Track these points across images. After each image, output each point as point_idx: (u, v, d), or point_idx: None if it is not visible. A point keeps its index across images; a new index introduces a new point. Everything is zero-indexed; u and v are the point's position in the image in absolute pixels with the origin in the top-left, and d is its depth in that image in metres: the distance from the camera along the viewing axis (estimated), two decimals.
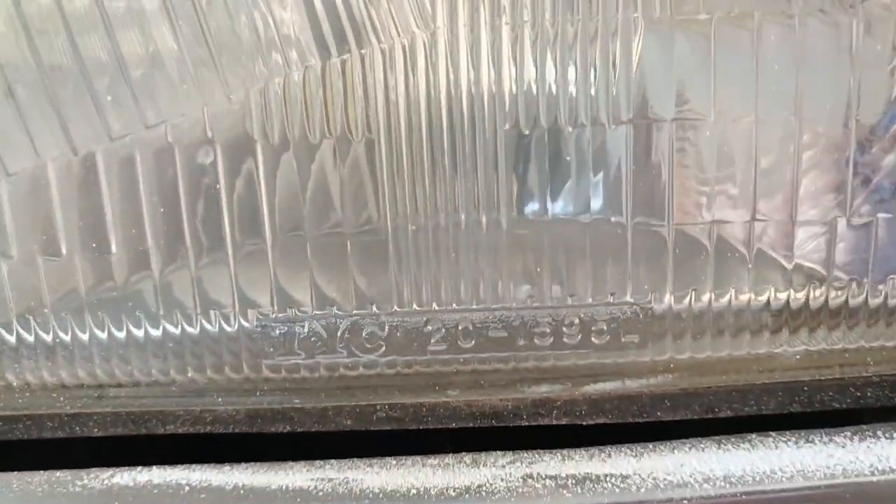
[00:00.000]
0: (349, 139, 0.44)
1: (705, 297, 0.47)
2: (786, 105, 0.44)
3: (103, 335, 0.47)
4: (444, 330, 0.47)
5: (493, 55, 0.43)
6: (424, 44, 0.44)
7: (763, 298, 0.47)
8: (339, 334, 0.47)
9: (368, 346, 0.47)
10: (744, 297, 0.47)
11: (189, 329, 0.47)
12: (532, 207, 0.45)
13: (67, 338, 0.47)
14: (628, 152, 0.45)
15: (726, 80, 0.44)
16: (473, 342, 0.47)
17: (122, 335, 0.47)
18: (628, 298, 0.47)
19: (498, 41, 0.43)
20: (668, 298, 0.47)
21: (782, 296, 0.47)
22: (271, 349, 0.47)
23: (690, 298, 0.47)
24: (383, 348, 0.47)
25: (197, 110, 0.44)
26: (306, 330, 0.47)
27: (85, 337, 0.47)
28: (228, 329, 0.47)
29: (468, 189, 0.45)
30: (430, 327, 0.47)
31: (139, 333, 0.47)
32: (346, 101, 0.44)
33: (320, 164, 0.45)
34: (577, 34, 0.43)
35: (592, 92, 0.44)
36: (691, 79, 0.44)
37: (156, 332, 0.47)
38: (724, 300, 0.47)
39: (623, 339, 0.47)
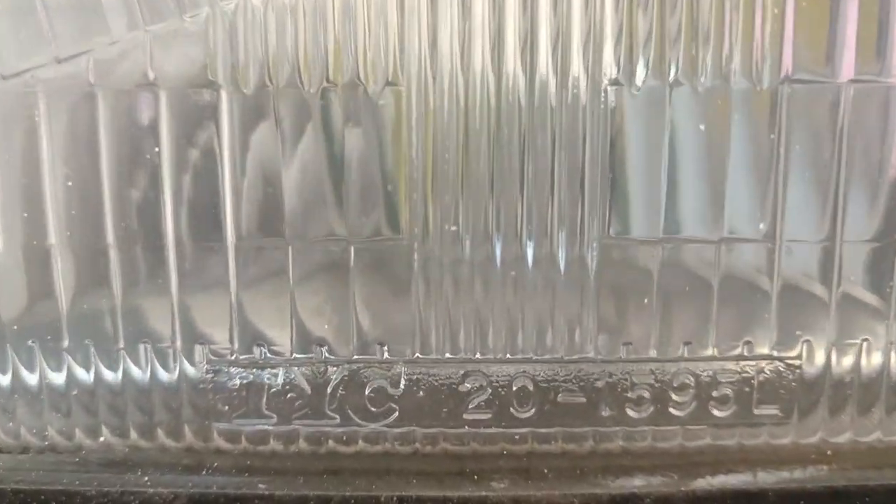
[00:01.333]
0: (361, 86, 0.29)
1: (878, 355, 0.32)
2: None
3: None
4: (489, 390, 0.31)
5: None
6: None
7: None
8: (329, 390, 0.31)
9: (374, 409, 0.31)
10: None
11: (106, 373, 0.32)
12: (634, 223, 0.30)
13: None
14: (779, 137, 0.30)
15: None
16: (534, 410, 0.31)
17: (4, 380, 0.32)
18: (768, 351, 0.31)
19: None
20: (825, 354, 0.31)
21: None
22: (226, 407, 0.31)
23: (858, 355, 0.31)
24: (396, 413, 0.31)
25: (134, 39, 0.29)
26: (280, 381, 0.31)
27: None
28: (164, 374, 0.31)
29: (540, 195, 0.30)
30: (468, 385, 0.31)
31: (31, 377, 0.32)
32: (365, 26, 0.29)
33: (316, 127, 0.30)
34: None
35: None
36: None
37: (57, 377, 0.32)
38: None
39: (756, 412, 0.32)
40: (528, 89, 0.29)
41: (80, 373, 0.32)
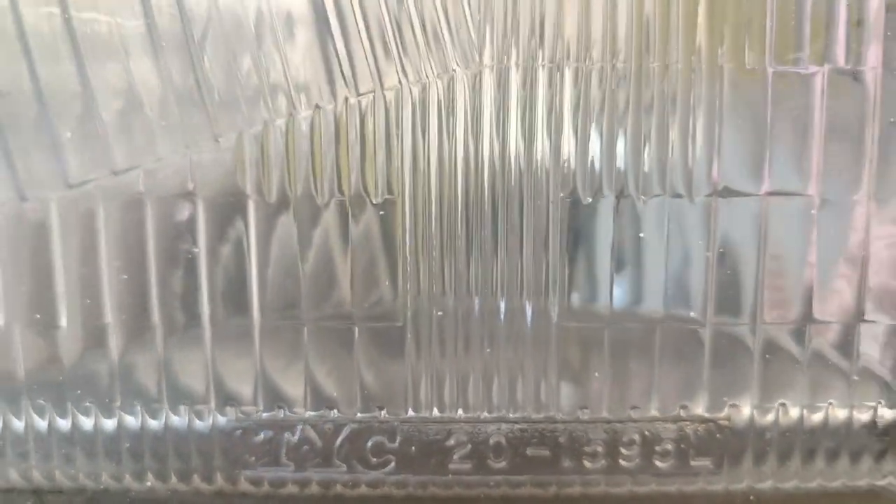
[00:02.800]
0: (365, 200, 0.35)
1: (795, 412, 0.38)
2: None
3: (43, 426, 0.38)
4: (470, 445, 0.37)
5: (551, 101, 0.35)
6: (465, 85, 0.35)
7: (866, 417, 0.38)
8: (338, 443, 0.37)
9: (374, 459, 0.38)
10: (842, 414, 0.38)
11: (151, 424, 0.38)
12: (588, 296, 0.36)
13: None
14: (711, 232, 0.36)
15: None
16: (506, 462, 0.38)
17: (66, 427, 0.38)
18: (702, 412, 0.37)
19: (557, 83, 0.35)
20: (748, 412, 0.38)
21: (890, 414, 0.38)
22: (252, 457, 0.38)
23: (777, 413, 0.38)
24: (392, 464, 0.38)
25: (177, 155, 0.35)
26: (297, 436, 0.37)
27: (20, 427, 0.38)
28: (201, 428, 0.38)
29: (511, 268, 0.36)
30: (452, 440, 0.37)
31: (88, 426, 0.38)
32: (364, 152, 0.35)
33: (326, 229, 0.36)
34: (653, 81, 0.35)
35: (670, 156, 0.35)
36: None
37: (110, 426, 0.38)
38: (819, 416, 0.38)
39: (693, 463, 0.38)
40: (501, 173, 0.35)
41: (129, 422, 0.38)
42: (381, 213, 0.35)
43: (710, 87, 0.35)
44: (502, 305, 0.36)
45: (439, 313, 0.36)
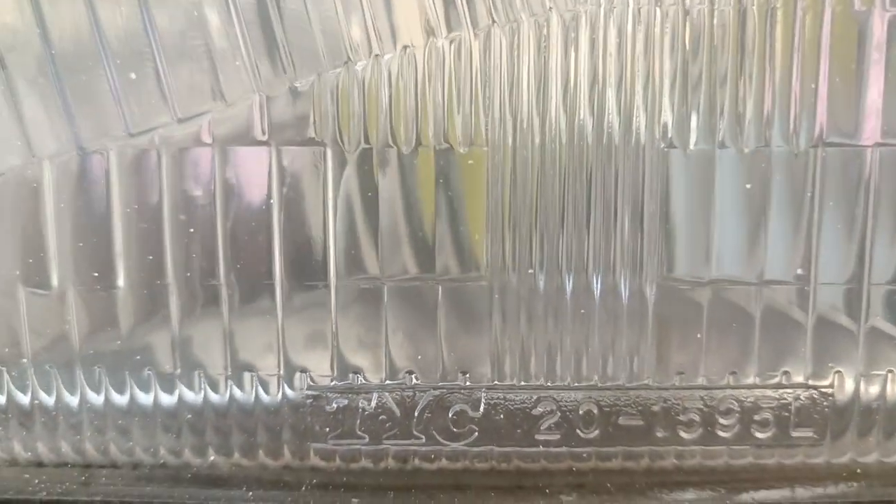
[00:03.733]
0: (452, 149, 0.33)
1: None
2: None
3: (98, 399, 0.35)
4: (558, 413, 0.35)
5: (651, 43, 0.33)
6: (560, 26, 0.33)
7: None
8: (417, 413, 0.35)
9: (456, 430, 0.35)
10: None
11: (214, 396, 0.35)
12: (688, 261, 0.34)
13: (51, 400, 0.35)
14: (816, 184, 0.34)
15: None
16: (598, 432, 0.35)
17: (123, 400, 0.35)
18: (804, 380, 0.35)
19: (656, 24, 0.33)
20: (854, 383, 0.35)
21: None
22: (325, 429, 0.35)
23: (884, 383, 0.35)
24: (476, 434, 0.35)
25: (247, 101, 0.33)
26: (373, 405, 0.35)
27: (74, 400, 0.35)
28: (267, 399, 0.35)
29: (607, 236, 0.34)
30: (540, 409, 0.35)
31: (146, 399, 0.35)
32: (450, 97, 0.33)
33: (407, 181, 0.34)
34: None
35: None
36: None
37: (169, 399, 0.35)
38: None
39: (794, 435, 0.35)
40: (595, 134, 0.33)
41: (190, 395, 0.35)
42: (470, 162, 0.33)
43: (813, 31, 0.33)
44: (596, 277, 0.34)
45: (529, 271, 0.34)
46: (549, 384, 0.35)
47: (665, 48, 0.33)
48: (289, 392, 0.35)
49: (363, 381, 0.35)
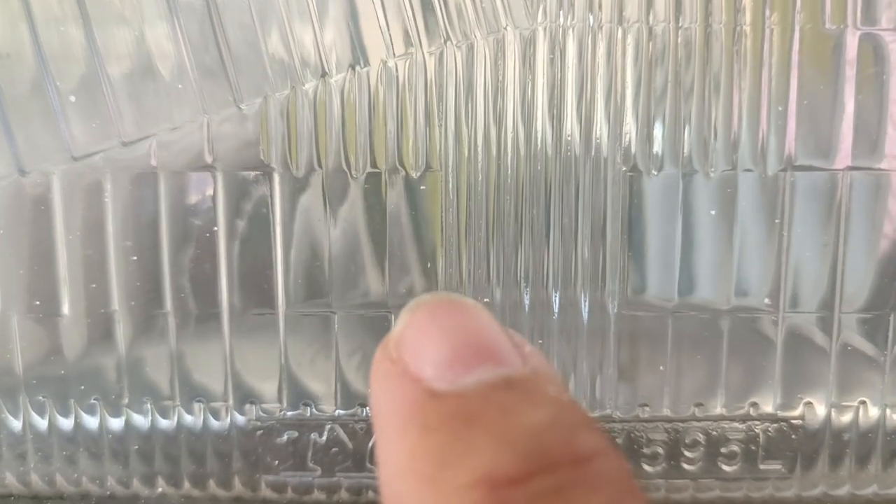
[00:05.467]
0: (402, 172, 0.32)
1: (875, 412, 0.34)
2: None
3: (43, 425, 0.34)
4: None
5: (614, 60, 0.31)
6: (516, 46, 0.31)
7: None
8: (370, 445, 0.34)
9: None
10: None
11: (163, 423, 0.34)
12: (649, 283, 0.33)
13: None
14: (784, 211, 0.32)
15: None
16: None
17: (69, 427, 0.34)
18: (773, 411, 0.34)
19: (617, 42, 0.31)
20: (825, 413, 0.34)
21: None
22: (275, 460, 0.34)
23: (856, 414, 0.34)
24: None
25: (195, 124, 0.32)
26: (325, 437, 0.34)
27: (17, 426, 0.34)
28: (217, 428, 0.34)
29: (565, 254, 0.32)
30: None
31: (93, 426, 0.34)
32: (403, 117, 0.32)
33: (358, 207, 0.32)
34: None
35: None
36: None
37: (116, 426, 0.34)
38: None
39: (762, 467, 0.34)
40: (554, 148, 0.32)
41: (138, 422, 0.34)
42: (422, 188, 0.32)
43: (782, 51, 0.32)
44: (555, 294, 0.33)
45: (485, 300, 0.33)
46: None
47: (628, 65, 0.32)
48: (239, 421, 0.34)
49: (314, 412, 0.34)
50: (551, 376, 0.20)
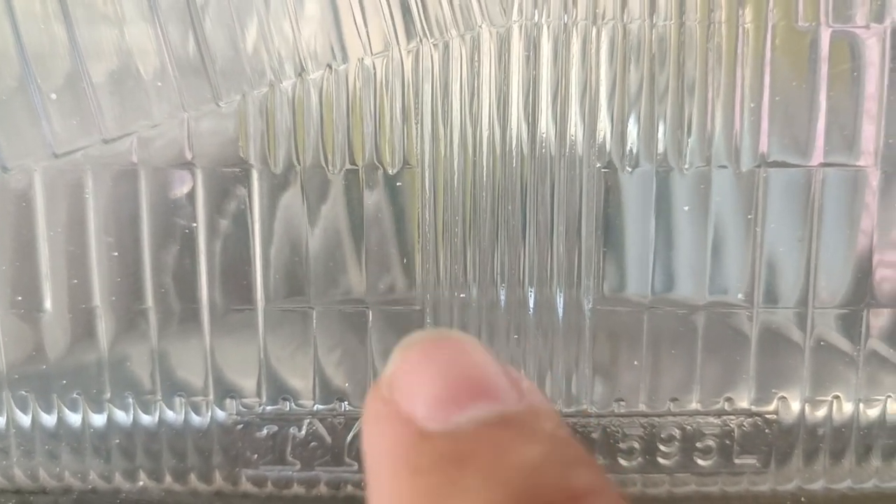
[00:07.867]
0: (380, 169, 0.32)
1: (849, 407, 0.34)
2: None
3: (25, 421, 0.34)
4: None
5: (589, 58, 0.32)
6: (492, 44, 0.32)
7: None
8: (349, 439, 0.34)
9: None
10: None
11: (144, 419, 0.34)
12: (625, 280, 0.33)
13: None
14: (758, 207, 0.33)
15: None
16: None
17: (51, 422, 0.34)
18: (748, 406, 0.34)
19: (592, 40, 0.32)
20: (799, 408, 0.34)
21: None
22: (254, 455, 0.34)
23: (830, 408, 0.34)
24: None
25: (175, 121, 0.32)
26: (304, 432, 0.34)
27: (0, 422, 0.34)
28: (198, 423, 0.34)
29: (540, 252, 0.33)
30: None
31: (75, 421, 0.34)
32: (380, 115, 0.32)
33: (336, 203, 0.33)
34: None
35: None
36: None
37: (99, 421, 0.34)
38: (875, 411, 0.35)
39: (737, 462, 0.34)
40: (529, 146, 0.32)
41: (120, 417, 0.34)
42: (399, 184, 0.32)
43: (756, 49, 0.32)
44: (530, 293, 0.33)
45: (461, 296, 0.33)
46: None
47: (602, 62, 0.32)
48: (219, 416, 0.34)
49: (293, 407, 0.34)
50: (548, 412, 0.20)
